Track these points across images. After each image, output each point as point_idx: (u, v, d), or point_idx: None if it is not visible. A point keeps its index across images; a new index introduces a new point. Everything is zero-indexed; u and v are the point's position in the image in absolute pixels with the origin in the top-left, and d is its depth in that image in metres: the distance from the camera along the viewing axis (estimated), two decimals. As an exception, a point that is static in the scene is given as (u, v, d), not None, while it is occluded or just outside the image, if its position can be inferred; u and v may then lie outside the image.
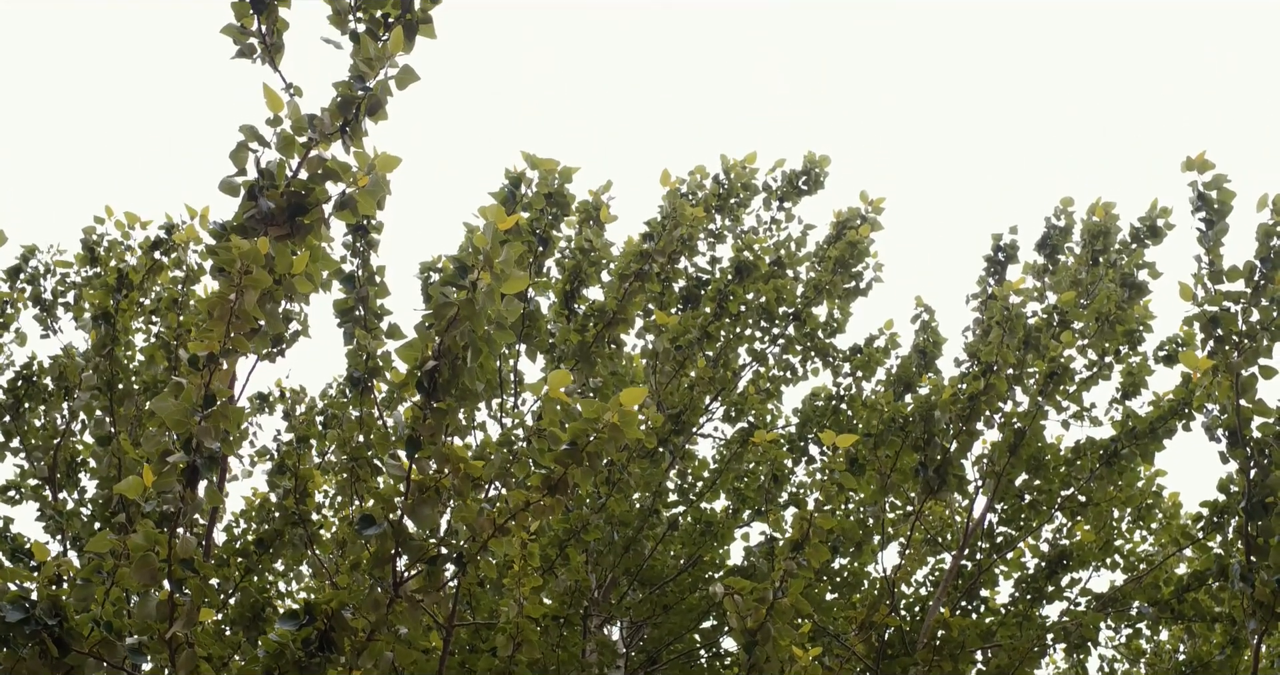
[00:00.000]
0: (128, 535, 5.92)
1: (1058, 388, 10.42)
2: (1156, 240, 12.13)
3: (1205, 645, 11.40)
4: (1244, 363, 8.02)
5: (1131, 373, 11.54)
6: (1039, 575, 11.24)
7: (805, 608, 6.96)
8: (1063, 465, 11.05)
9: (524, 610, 6.89)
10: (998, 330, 9.74)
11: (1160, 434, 10.84)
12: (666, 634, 10.39)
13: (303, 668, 5.68)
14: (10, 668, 5.57)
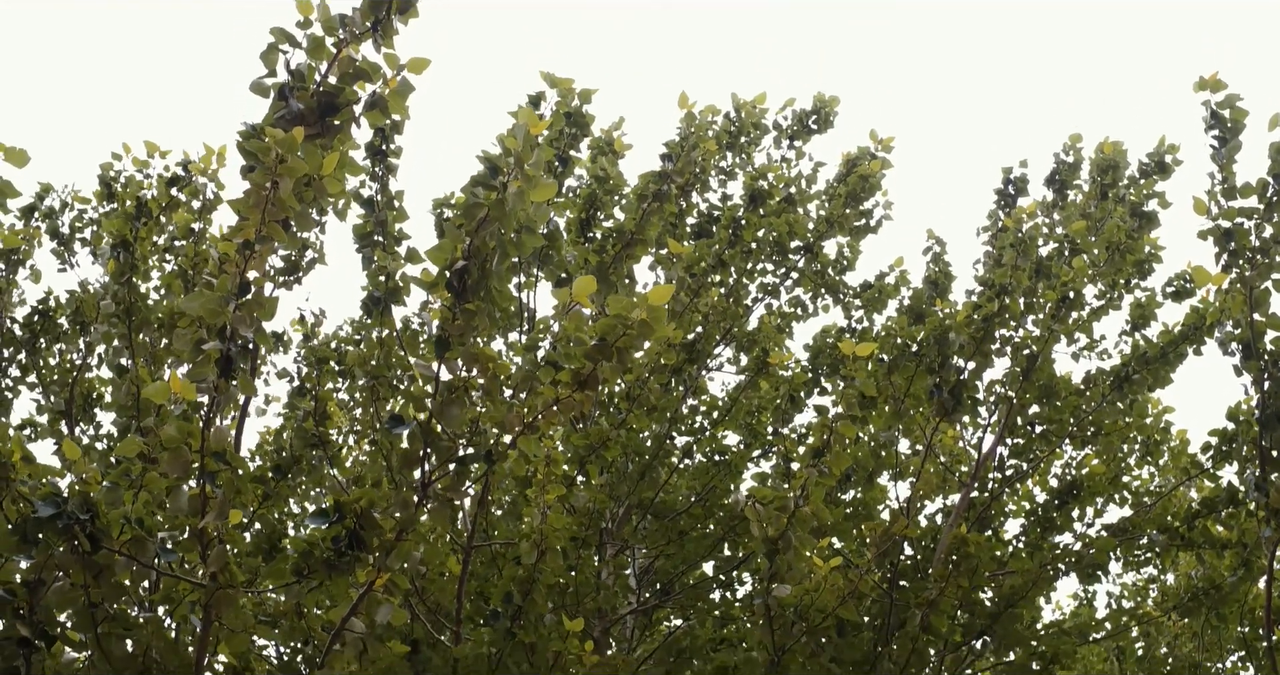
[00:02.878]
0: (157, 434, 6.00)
1: (1069, 314, 10.49)
2: (1164, 176, 12.19)
3: (1215, 571, 11.50)
4: (1258, 277, 8.10)
5: (1140, 305, 11.60)
6: (1048, 507, 11.33)
7: (826, 516, 7.04)
8: (1073, 394, 11.12)
9: (548, 519, 6.96)
10: (1010, 252, 9.80)
11: (1171, 358, 10.92)
12: (679, 564, 10.46)
13: (331, 566, 5.75)
14: (43, 563, 5.63)
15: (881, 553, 8.41)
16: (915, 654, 8.77)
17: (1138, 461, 12.33)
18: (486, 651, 7.60)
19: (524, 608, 7.39)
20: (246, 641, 6.17)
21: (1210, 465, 11.45)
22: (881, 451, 10.98)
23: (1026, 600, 9.50)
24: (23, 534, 5.59)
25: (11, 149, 7.75)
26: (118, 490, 6.27)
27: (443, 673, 8.36)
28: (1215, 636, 12.76)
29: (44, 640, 5.67)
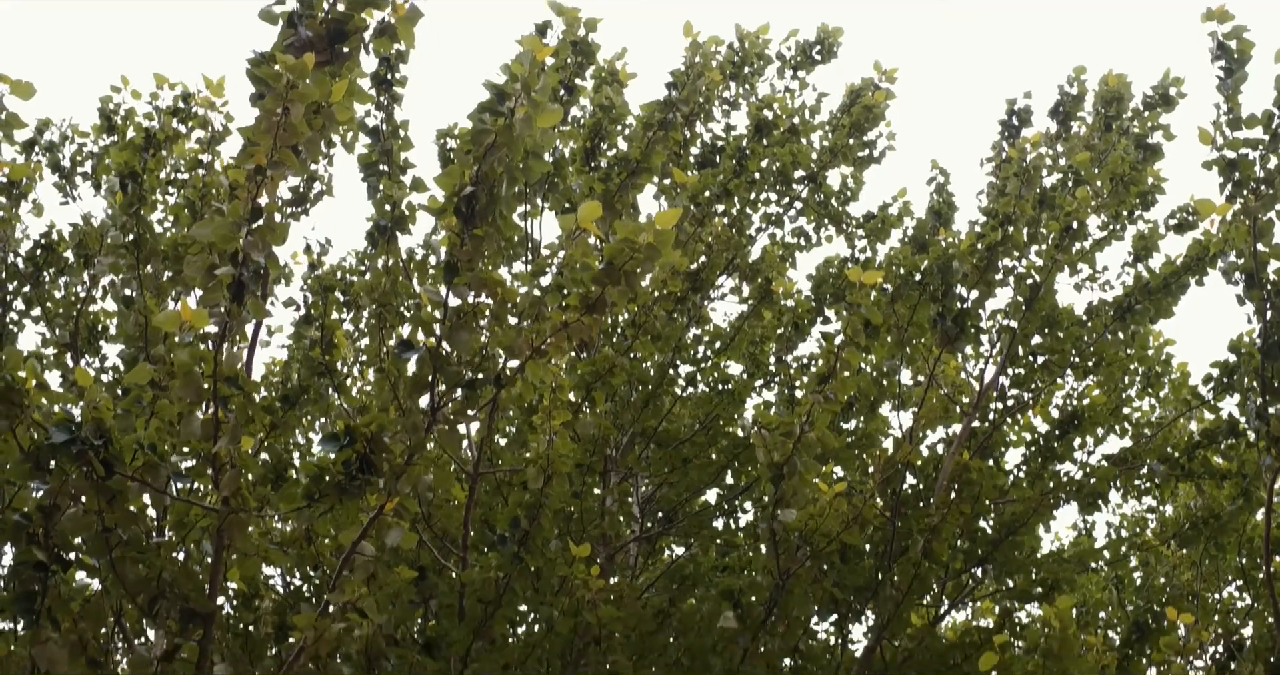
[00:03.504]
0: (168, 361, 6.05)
1: (1072, 244, 10.52)
2: (1168, 108, 12.19)
3: (1214, 501, 11.59)
4: (1261, 208, 8.15)
5: (1143, 237, 11.62)
6: (1049, 437, 11.40)
7: (831, 442, 7.11)
8: (1075, 325, 11.17)
9: (554, 445, 7.02)
10: (1014, 183, 9.83)
11: (1174, 289, 10.96)
12: (682, 492, 10.55)
13: (342, 490, 5.81)
14: (58, 488, 5.69)
15: (884, 480, 8.49)
16: (917, 580, 8.87)
17: (1139, 392, 12.38)
18: (494, 576, 7.69)
19: (530, 533, 7.48)
20: (258, 565, 6.25)
21: (1211, 397, 11.51)
22: (884, 381, 11.05)
23: (1027, 528, 9.62)
24: (36, 461, 5.65)
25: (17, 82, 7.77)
26: (129, 417, 6.33)
27: (450, 598, 8.46)
28: (1213, 566, 12.88)
29: (59, 564, 5.73)
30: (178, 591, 5.96)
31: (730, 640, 7.91)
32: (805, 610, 8.11)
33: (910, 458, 8.53)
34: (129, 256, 9.67)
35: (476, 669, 8.15)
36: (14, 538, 5.68)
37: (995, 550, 9.56)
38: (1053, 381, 11.42)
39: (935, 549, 8.70)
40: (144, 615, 6.76)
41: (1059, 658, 7.55)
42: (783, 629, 8.00)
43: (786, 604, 7.88)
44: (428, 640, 8.18)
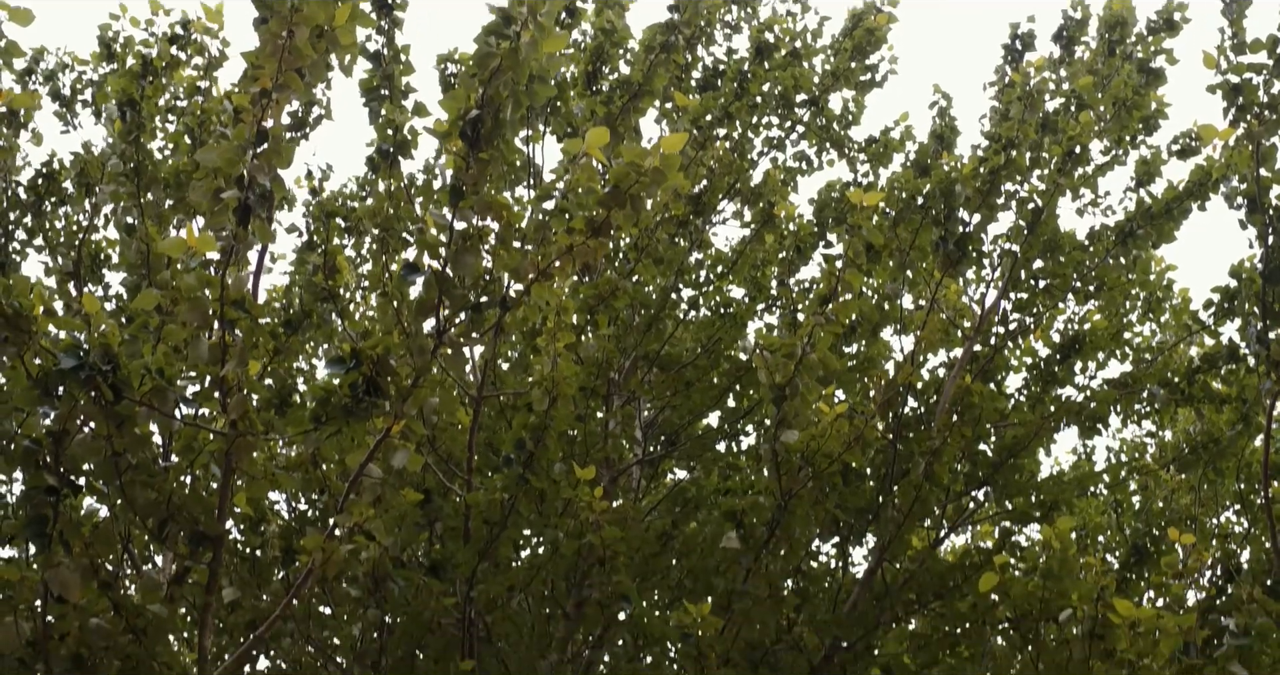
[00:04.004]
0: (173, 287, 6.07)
1: (1074, 169, 10.51)
2: (1172, 33, 12.12)
3: (1214, 426, 11.65)
4: (1265, 132, 8.15)
5: (1146, 162, 11.61)
6: (1050, 361, 11.44)
7: (833, 363, 7.15)
8: (1077, 249, 11.18)
9: (558, 367, 7.06)
10: (1018, 106, 9.81)
11: (1176, 214, 10.97)
12: (685, 415, 10.60)
13: (349, 412, 5.85)
14: (67, 414, 5.73)
15: (886, 402, 8.53)
16: (918, 502, 8.93)
17: (1139, 317, 12.42)
18: (499, 498, 7.75)
19: (535, 454, 7.54)
20: (265, 488, 6.30)
21: (1211, 322, 11.55)
22: (885, 305, 11.08)
23: (1027, 451, 9.68)
24: (44, 387, 5.68)
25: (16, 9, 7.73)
26: (136, 342, 6.37)
27: (455, 521, 8.53)
28: (1212, 491, 12.95)
29: (70, 489, 5.78)
30: (187, 515, 6.02)
31: (732, 560, 7.98)
32: (807, 531, 8.18)
33: (911, 380, 8.57)
34: (130, 184, 9.66)
35: (482, 590, 8.23)
36: (24, 463, 5.72)
37: (996, 473, 9.62)
38: (1054, 306, 11.44)
39: (936, 471, 8.76)
40: (154, 539, 6.84)
41: (1058, 578, 7.61)
42: (785, 549, 8.07)
43: (788, 525, 7.95)
44: (433, 562, 8.26)
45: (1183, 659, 6.45)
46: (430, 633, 8.40)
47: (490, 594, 8.47)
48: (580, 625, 8.77)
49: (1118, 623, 6.90)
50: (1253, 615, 7.00)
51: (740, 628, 7.95)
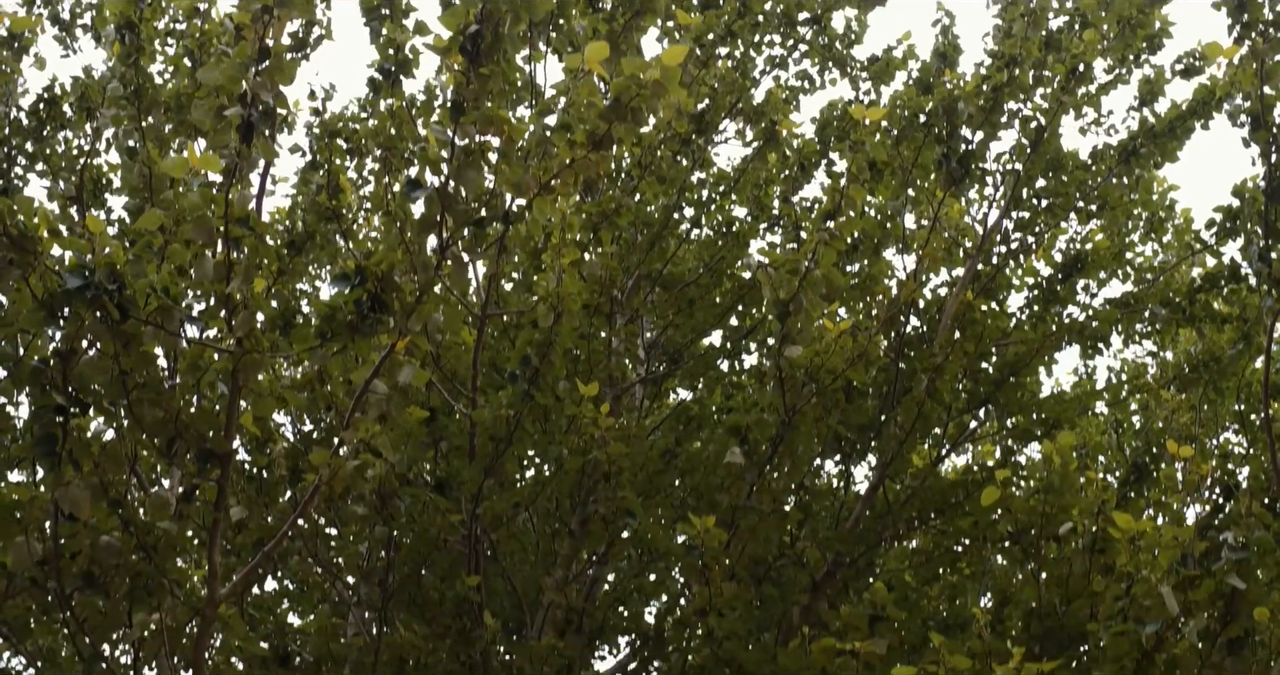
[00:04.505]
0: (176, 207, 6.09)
1: (1078, 87, 10.49)
2: (1178, -48, 12.05)
3: (1215, 345, 11.69)
4: (1270, 50, 8.12)
5: (1149, 81, 11.56)
6: (1052, 281, 11.47)
7: (837, 279, 7.17)
8: (1079, 168, 11.17)
9: (563, 283, 7.08)
10: (1021, 23, 9.78)
11: (1179, 133, 10.96)
12: (688, 333, 10.63)
13: (354, 328, 5.88)
14: (74, 333, 5.75)
15: (888, 320, 8.56)
16: (920, 419, 8.99)
17: (1141, 237, 12.44)
18: (504, 414, 7.80)
19: (540, 370, 7.58)
20: (272, 406, 6.33)
21: (1214, 241, 11.56)
22: (888, 224, 11.09)
23: (1029, 369, 9.72)
24: (50, 308, 5.70)
25: (13, -66, 7.68)
26: (141, 263, 6.38)
27: (460, 440, 8.59)
28: (1212, 412, 13.00)
29: (78, 407, 5.82)
30: (194, 433, 6.05)
31: (736, 476, 8.04)
32: (810, 447, 8.24)
33: (914, 297, 8.59)
34: (131, 108, 9.64)
35: (488, 506, 8.30)
36: (32, 383, 5.75)
37: (997, 391, 9.67)
38: (1056, 225, 11.45)
39: (939, 388, 8.80)
40: (162, 457, 6.89)
41: (1059, 493, 7.68)
42: (788, 465, 8.14)
43: (792, 440, 8.00)
44: (439, 480, 8.33)
45: (1180, 570, 6.51)
46: (436, 550, 8.48)
47: (496, 511, 8.55)
48: (585, 542, 8.85)
49: (1117, 537, 6.95)
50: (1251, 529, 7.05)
51: (745, 543, 8.02)
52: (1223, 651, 6.74)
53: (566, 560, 8.91)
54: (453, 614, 8.56)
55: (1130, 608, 6.54)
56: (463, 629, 8.44)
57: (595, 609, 9.13)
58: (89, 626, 6.24)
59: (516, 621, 9.18)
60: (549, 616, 8.60)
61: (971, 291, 9.73)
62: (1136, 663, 6.43)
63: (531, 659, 8.08)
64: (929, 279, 11.24)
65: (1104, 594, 6.94)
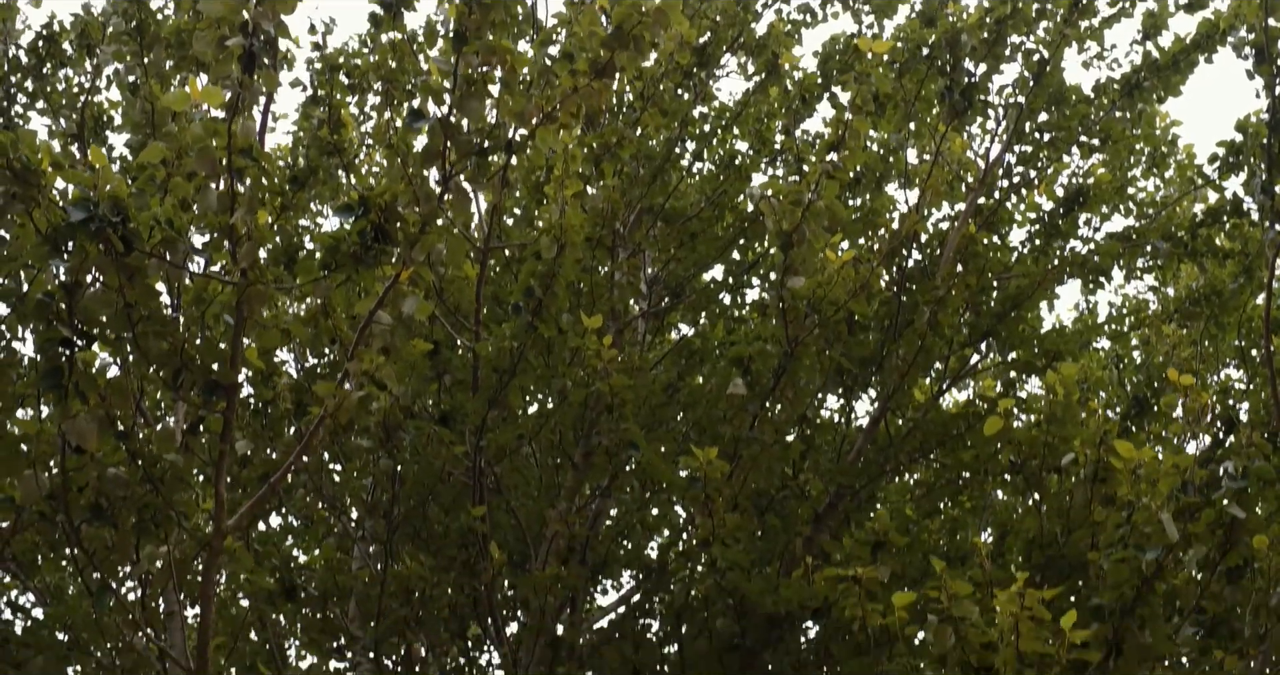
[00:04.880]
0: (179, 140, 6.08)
1: (1081, 20, 10.44)
2: (1182, -120, 11.93)
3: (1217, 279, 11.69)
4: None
5: (1153, 14, 11.50)
6: (1054, 215, 11.46)
7: (840, 211, 7.18)
8: (1082, 102, 11.14)
9: (566, 214, 7.08)
10: (1024, -49, 9.73)
11: (1182, 67, 10.92)
12: (690, 267, 10.63)
13: (358, 259, 5.90)
14: (78, 266, 5.77)
15: (890, 253, 8.57)
16: (922, 352, 9.01)
17: (1144, 172, 12.41)
18: (508, 346, 7.83)
19: (544, 302, 7.61)
20: (277, 337, 6.37)
21: (1216, 176, 11.54)
22: (890, 157, 11.07)
23: (1031, 302, 9.72)
24: (54, 242, 5.72)
25: None
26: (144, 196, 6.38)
27: (464, 374, 8.63)
28: (1213, 347, 13.02)
29: (84, 340, 5.84)
30: (200, 364, 6.08)
31: (739, 408, 8.08)
32: (813, 378, 8.27)
33: (916, 229, 8.59)
34: (132, 44, 9.61)
35: (491, 439, 8.35)
36: (38, 317, 5.78)
37: (999, 324, 9.67)
38: (1058, 159, 11.42)
39: (941, 321, 8.82)
40: (168, 389, 6.93)
41: (1061, 423, 7.71)
42: (791, 395, 8.17)
43: (794, 372, 8.04)
44: (443, 413, 8.37)
45: (1181, 497, 6.54)
46: (441, 482, 8.53)
47: (499, 443, 8.60)
48: (588, 474, 8.91)
49: (1119, 467, 7.00)
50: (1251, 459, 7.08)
51: (747, 474, 8.07)
52: (1222, 580, 6.80)
53: (570, 492, 8.97)
54: (457, 546, 8.64)
55: (1131, 536, 6.58)
56: (468, 561, 8.51)
57: (598, 542, 9.20)
58: (97, 559, 6.29)
59: (520, 554, 9.25)
60: (552, 547, 8.66)
61: (974, 225, 9.73)
62: (1136, 590, 6.47)
63: (535, 589, 8.15)
64: (931, 213, 11.24)
65: (1104, 523, 6.99)
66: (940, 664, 6.08)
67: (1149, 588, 6.49)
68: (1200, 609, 6.91)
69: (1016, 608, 5.86)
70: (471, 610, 9.09)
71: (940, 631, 5.97)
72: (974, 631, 5.99)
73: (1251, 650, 6.88)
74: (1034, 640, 5.88)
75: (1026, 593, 5.87)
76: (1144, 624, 6.52)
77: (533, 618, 8.44)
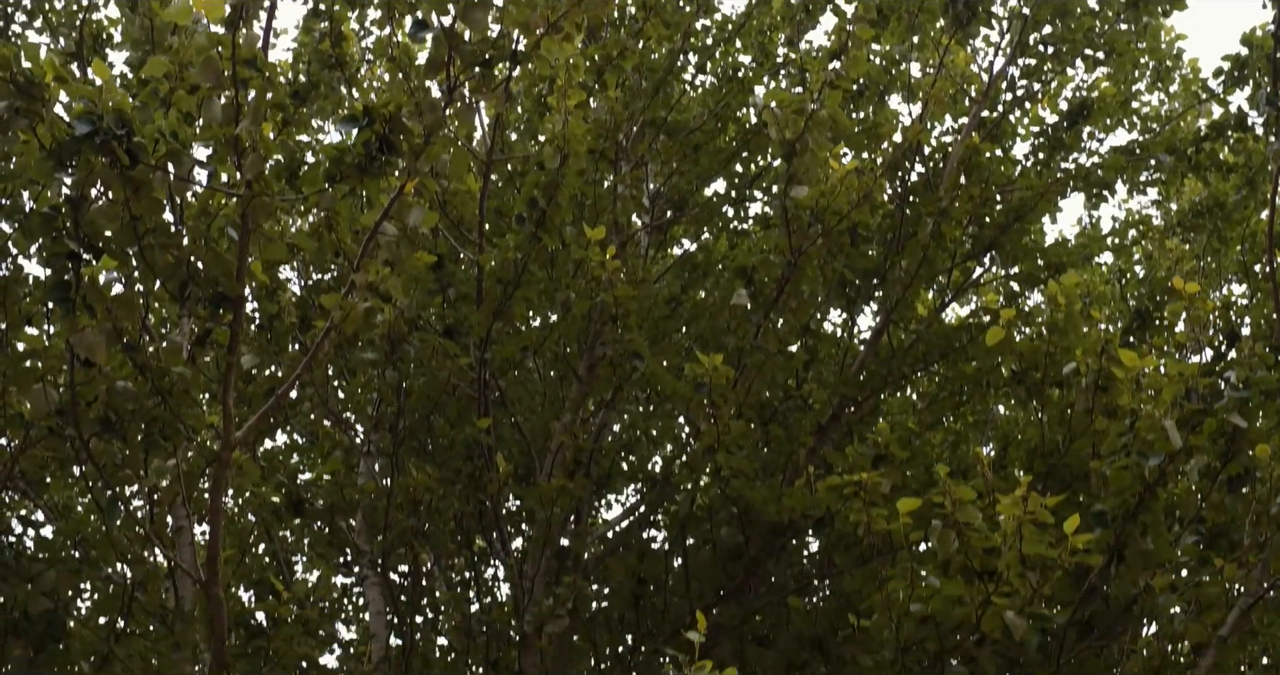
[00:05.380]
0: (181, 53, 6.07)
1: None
2: None
3: (1220, 192, 11.68)
4: (1282, -111, 8.01)
5: (1158, -76, 11.40)
6: (1057, 128, 11.43)
7: (843, 120, 7.17)
8: (1087, 14, 11.06)
9: (569, 125, 7.07)
10: None
11: (1190, -24, 10.83)
12: (693, 180, 10.60)
13: (363, 170, 5.90)
14: (84, 179, 5.77)
15: (893, 164, 8.55)
16: (925, 263, 9.02)
17: (1148, 86, 12.35)
18: (512, 257, 7.84)
19: (547, 212, 7.61)
20: (282, 250, 6.37)
21: (1221, 90, 11.49)
22: (893, 70, 11.00)
23: (1034, 214, 9.71)
24: (58, 157, 5.71)
25: None
26: (148, 110, 6.37)
27: (468, 287, 8.65)
28: (1215, 262, 13.02)
29: (91, 253, 5.86)
30: (206, 276, 6.10)
31: (742, 318, 8.11)
32: (816, 288, 8.29)
33: (920, 139, 8.57)
34: (130, -42, 9.53)
35: (496, 351, 8.38)
36: (44, 230, 5.79)
37: (1001, 236, 9.66)
38: (1062, 72, 11.37)
39: (944, 232, 8.82)
40: (174, 302, 6.95)
41: (1064, 332, 7.73)
42: (795, 306, 8.19)
43: (797, 282, 8.06)
44: (448, 325, 8.40)
45: (1185, 404, 6.58)
46: (446, 395, 8.58)
47: (504, 355, 8.63)
48: (592, 387, 8.95)
49: (1121, 376, 7.03)
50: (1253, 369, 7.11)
51: (751, 382, 8.11)
52: (1223, 490, 6.85)
53: (574, 404, 9.02)
54: (463, 458, 8.70)
55: (1133, 443, 6.62)
56: (473, 473, 8.58)
57: (603, 454, 9.26)
58: (106, 474, 6.34)
59: (526, 468, 9.32)
60: (557, 459, 8.73)
61: (977, 137, 9.71)
62: (1139, 496, 6.52)
63: (541, 501, 8.22)
64: (934, 126, 11.20)
65: (1107, 432, 7.03)
66: (943, 569, 6.14)
67: (1151, 494, 6.54)
68: (1201, 519, 6.97)
69: (1019, 511, 5.91)
70: (477, 523, 9.17)
71: (944, 536, 6.03)
72: (977, 536, 6.05)
73: (1251, 559, 6.94)
74: (1037, 543, 5.94)
75: (1029, 497, 5.92)
76: (1146, 530, 6.58)
77: (538, 529, 8.51)
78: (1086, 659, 7.49)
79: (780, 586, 8.69)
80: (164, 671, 7.15)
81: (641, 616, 8.78)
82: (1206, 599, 6.82)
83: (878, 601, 6.39)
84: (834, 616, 8.02)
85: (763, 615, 8.52)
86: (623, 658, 9.04)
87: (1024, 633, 5.99)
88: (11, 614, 6.48)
